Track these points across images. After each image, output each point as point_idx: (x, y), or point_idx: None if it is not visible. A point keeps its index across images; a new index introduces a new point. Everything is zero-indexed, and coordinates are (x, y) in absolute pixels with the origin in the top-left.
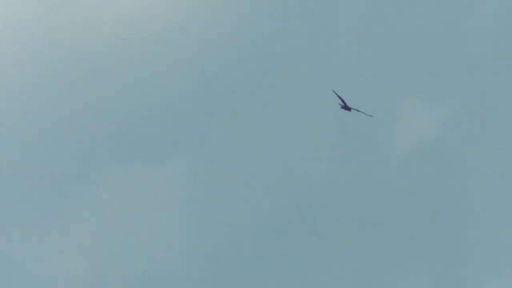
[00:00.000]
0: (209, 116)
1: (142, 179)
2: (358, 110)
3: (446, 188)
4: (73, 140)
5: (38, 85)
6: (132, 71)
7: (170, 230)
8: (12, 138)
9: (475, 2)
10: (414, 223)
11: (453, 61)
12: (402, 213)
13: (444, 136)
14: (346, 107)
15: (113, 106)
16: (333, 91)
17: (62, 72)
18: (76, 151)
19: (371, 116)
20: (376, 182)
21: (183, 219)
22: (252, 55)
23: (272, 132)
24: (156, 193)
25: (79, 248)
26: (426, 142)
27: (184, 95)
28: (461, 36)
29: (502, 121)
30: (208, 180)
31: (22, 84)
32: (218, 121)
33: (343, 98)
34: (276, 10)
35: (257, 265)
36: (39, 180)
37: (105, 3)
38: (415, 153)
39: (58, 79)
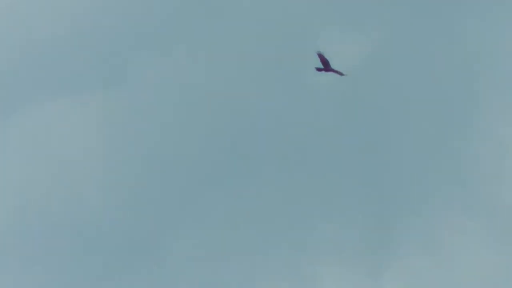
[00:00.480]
0: (127, 49)
1: (57, 114)
2: (337, 71)
3: (368, 123)
4: None
5: None
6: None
7: (88, 167)
8: None
9: None
10: (334, 158)
11: None
12: (321, 147)
13: (366, 68)
14: (326, 69)
15: (27, 39)
16: (319, 53)
17: None
18: None
19: (346, 75)
20: (295, 115)
21: (102, 155)
22: None
23: (195, 68)
24: (73, 129)
25: None
26: (348, 73)
27: (101, 27)
28: None
29: (426, 53)
30: (126, 116)
31: None
32: (136, 55)
33: (327, 59)
34: None
35: (181, 199)
36: None
37: None
38: (336, 85)
39: None
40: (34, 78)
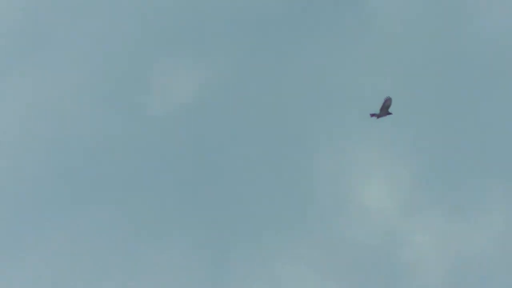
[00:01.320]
0: None
1: None
2: (389, 113)
3: (204, 154)
4: None
5: None
6: None
7: None
8: None
9: None
10: (169, 187)
11: (213, 21)
12: (156, 177)
13: (202, 99)
14: (384, 114)
15: None
16: (388, 98)
17: None
18: None
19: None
20: (131, 145)
21: None
22: None
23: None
24: None
25: None
26: (183, 105)
27: None
28: None
29: (263, 84)
30: None
31: None
32: None
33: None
34: None
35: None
36: None
37: None
38: (171, 116)
39: None
40: None
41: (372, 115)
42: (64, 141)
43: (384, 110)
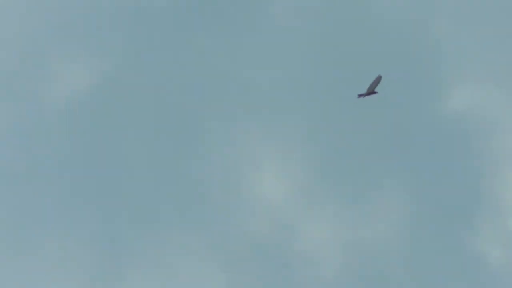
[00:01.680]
0: None
1: None
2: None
3: (99, 144)
4: None
5: None
6: None
7: None
8: None
9: None
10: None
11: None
12: (52, 167)
13: (99, 93)
14: (371, 93)
15: None
16: (379, 77)
17: None
18: None
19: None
20: (32, 140)
21: None
22: None
23: None
24: None
25: None
26: (79, 95)
27: None
28: None
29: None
30: None
31: None
32: None
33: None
34: None
35: None
36: None
37: None
38: (67, 106)
39: None
40: None
41: (360, 95)
42: None
43: (371, 88)
